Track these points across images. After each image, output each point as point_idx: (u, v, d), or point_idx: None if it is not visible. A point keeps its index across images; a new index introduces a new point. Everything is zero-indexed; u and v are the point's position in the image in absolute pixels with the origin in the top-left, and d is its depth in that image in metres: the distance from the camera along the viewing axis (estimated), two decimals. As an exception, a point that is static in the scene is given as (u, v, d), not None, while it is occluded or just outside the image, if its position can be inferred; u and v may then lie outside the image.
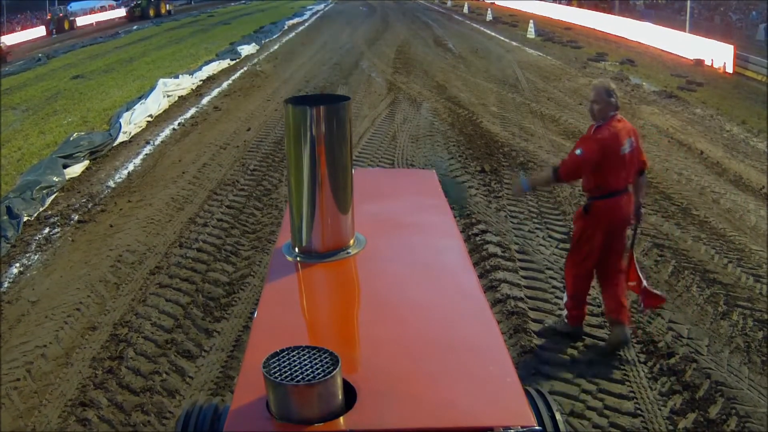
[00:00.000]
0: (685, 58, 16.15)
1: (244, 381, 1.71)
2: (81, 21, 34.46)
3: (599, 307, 4.70)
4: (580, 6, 26.23)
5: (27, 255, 5.94)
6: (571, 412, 3.63)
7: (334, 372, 1.52)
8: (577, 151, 3.85)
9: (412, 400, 1.61)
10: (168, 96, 12.12)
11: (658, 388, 3.84)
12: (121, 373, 4.07)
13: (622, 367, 4.03)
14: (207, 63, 15.78)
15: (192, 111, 11.39)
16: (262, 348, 1.66)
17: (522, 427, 1.52)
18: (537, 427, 1.55)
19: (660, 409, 3.67)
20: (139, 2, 36.09)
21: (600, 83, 3.99)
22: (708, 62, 15.28)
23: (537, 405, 2.07)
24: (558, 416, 2.08)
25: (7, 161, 8.81)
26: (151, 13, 35.70)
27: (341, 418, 1.54)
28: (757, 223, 6.17)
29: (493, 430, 1.51)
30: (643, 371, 3.99)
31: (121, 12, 37.14)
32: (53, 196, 7.32)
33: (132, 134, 9.88)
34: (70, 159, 8.33)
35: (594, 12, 23.97)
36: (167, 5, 37.68)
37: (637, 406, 3.69)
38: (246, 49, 18.43)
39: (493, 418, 1.55)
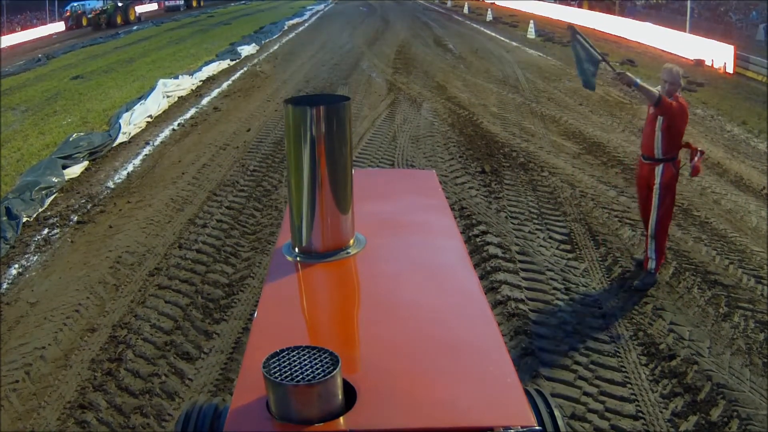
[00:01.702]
0: (685, 58, 16.15)
1: (244, 381, 1.70)
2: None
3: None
4: (591, 8, 26.15)
5: (26, 256, 5.94)
6: (572, 415, 3.62)
7: (334, 372, 1.51)
8: (671, 100, 4.66)
9: (412, 400, 1.60)
10: (168, 96, 12.12)
11: (660, 390, 3.84)
12: (120, 375, 4.07)
13: (623, 369, 4.02)
14: (207, 63, 15.77)
15: (192, 111, 11.38)
16: (262, 348, 1.65)
17: (522, 427, 1.51)
18: (537, 427, 1.54)
19: (661, 412, 3.66)
20: (104, 8, 31.67)
21: (673, 66, 4.83)
22: (708, 62, 15.28)
23: (537, 405, 2.06)
24: (558, 415, 2.07)
25: (6, 162, 8.80)
26: (119, 20, 31.27)
27: (341, 418, 1.53)
28: (758, 224, 6.16)
29: (493, 430, 1.51)
30: (645, 373, 3.98)
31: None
32: (52, 197, 7.31)
33: (131, 135, 9.88)
34: (69, 160, 8.32)
35: (598, 13, 23.92)
36: (136, 10, 33.99)
37: (639, 408, 3.68)
38: (246, 50, 18.43)
39: (493, 418, 1.55)
